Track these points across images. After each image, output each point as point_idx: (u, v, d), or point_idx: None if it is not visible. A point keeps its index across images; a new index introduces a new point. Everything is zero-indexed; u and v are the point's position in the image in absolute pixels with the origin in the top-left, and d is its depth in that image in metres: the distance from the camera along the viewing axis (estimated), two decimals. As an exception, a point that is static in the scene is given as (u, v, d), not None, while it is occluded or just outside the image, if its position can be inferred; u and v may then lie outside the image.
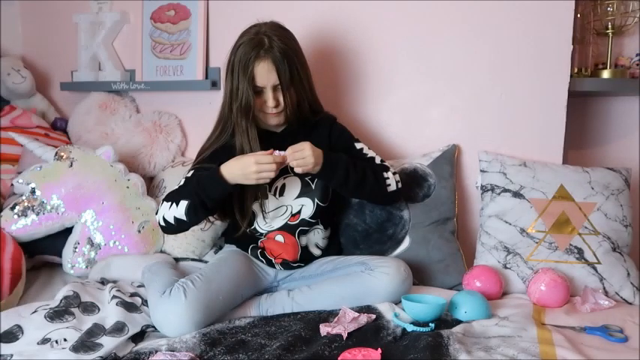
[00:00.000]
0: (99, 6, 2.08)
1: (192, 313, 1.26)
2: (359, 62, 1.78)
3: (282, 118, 1.48)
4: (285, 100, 1.44)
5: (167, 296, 1.29)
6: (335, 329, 1.19)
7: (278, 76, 1.41)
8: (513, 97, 1.67)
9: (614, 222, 1.54)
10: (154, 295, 1.33)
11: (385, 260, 1.43)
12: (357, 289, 1.36)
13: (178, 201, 1.37)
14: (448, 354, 1.10)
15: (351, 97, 1.80)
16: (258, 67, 1.40)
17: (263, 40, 1.41)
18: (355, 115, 1.79)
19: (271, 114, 1.46)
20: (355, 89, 1.80)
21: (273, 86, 1.42)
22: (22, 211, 1.62)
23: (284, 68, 1.41)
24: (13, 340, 1.19)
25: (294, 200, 1.49)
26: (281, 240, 1.50)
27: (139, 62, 2.03)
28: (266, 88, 1.43)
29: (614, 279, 1.49)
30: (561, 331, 1.22)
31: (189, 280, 1.33)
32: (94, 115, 2.01)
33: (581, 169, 1.60)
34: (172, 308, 1.26)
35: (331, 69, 1.79)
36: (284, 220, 1.49)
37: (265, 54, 1.40)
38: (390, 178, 1.49)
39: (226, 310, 1.35)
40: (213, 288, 1.33)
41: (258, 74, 1.40)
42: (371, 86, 1.78)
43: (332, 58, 1.79)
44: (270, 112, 1.46)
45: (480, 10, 1.66)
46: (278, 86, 1.43)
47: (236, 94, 1.43)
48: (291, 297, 1.39)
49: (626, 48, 1.81)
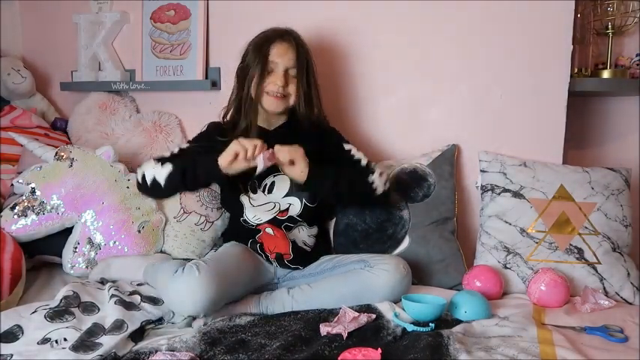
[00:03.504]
0: (99, 6, 2.08)
1: (207, 288, 1.26)
2: (358, 62, 1.78)
3: (281, 105, 1.49)
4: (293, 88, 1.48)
5: (180, 274, 1.29)
6: (335, 329, 1.19)
7: (297, 56, 1.47)
8: (513, 97, 1.67)
9: (614, 222, 1.54)
10: (165, 275, 1.35)
11: (385, 258, 1.44)
12: (356, 287, 1.36)
13: (164, 163, 1.41)
14: (448, 354, 1.10)
15: (351, 96, 1.80)
16: (276, 45, 1.47)
17: (289, 30, 1.51)
18: (355, 114, 1.79)
19: (275, 97, 1.48)
20: (355, 89, 1.79)
21: (286, 69, 1.47)
22: (22, 211, 1.62)
23: (302, 53, 1.49)
24: (13, 340, 1.19)
25: (282, 198, 1.51)
26: (271, 232, 1.51)
27: (138, 62, 2.03)
28: (278, 67, 1.47)
29: (614, 279, 1.49)
30: (561, 331, 1.22)
31: (201, 260, 1.36)
32: (94, 115, 2.01)
33: (581, 169, 1.60)
34: (186, 285, 1.27)
35: (331, 68, 1.79)
36: (272, 214, 1.51)
37: (289, 37, 1.49)
38: (376, 181, 1.47)
39: (236, 292, 1.37)
40: (223, 268, 1.35)
41: (275, 51, 1.47)
42: (370, 86, 1.78)
43: (332, 58, 1.79)
44: (275, 93, 1.47)
45: (480, 10, 1.66)
46: (290, 71, 1.48)
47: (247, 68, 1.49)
48: (291, 295, 1.40)
49: (626, 48, 1.81)
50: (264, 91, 1.49)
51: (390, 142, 1.78)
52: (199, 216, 1.72)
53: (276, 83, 1.47)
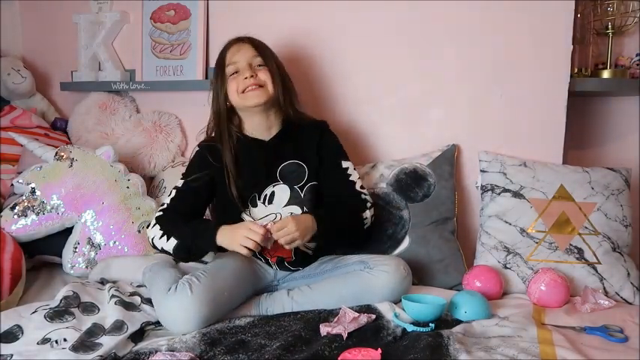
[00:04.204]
0: (99, 6, 2.08)
1: (199, 308, 1.25)
2: (358, 62, 1.78)
3: (262, 95, 1.46)
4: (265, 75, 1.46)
5: (173, 292, 1.28)
6: (335, 329, 1.19)
7: (256, 50, 1.47)
8: (513, 97, 1.67)
9: (614, 222, 1.54)
10: (158, 292, 1.34)
11: (385, 259, 1.43)
12: (356, 288, 1.36)
13: (169, 236, 1.39)
14: (448, 354, 1.10)
15: (351, 96, 1.80)
16: (231, 48, 1.49)
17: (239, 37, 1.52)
18: (355, 114, 1.79)
19: (250, 89, 1.45)
20: (355, 88, 1.79)
21: (249, 63, 1.46)
22: (22, 211, 1.62)
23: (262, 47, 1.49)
24: (13, 340, 1.19)
25: (282, 208, 1.48)
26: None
27: (138, 62, 2.03)
28: (240, 63, 1.46)
29: (614, 279, 1.49)
30: (561, 331, 1.22)
31: (194, 276, 1.33)
32: (94, 115, 2.01)
33: (581, 169, 1.60)
34: (179, 304, 1.26)
35: (332, 67, 1.79)
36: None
37: (241, 39, 1.50)
38: (367, 217, 1.50)
39: (231, 306, 1.35)
40: (218, 284, 1.33)
41: (231, 53, 1.48)
42: (371, 86, 1.78)
43: (332, 58, 1.79)
44: (249, 87, 1.45)
45: (480, 10, 1.66)
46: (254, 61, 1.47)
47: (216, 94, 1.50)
48: (291, 296, 1.39)
49: (626, 48, 1.80)
50: (240, 92, 1.46)
51: (390, 142, 1.78)
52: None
53: (245, 75, 1.45)
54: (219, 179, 1.47)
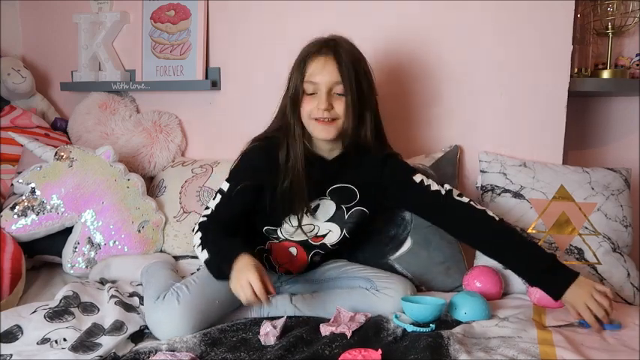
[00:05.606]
0: (99, 6, 2.08)
1: (187, 319, 1.24)
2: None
3: (332, 131, 1.32)
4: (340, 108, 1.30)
5: (161, 301, 1.28)
6: (339, 328, 1.19)
7: (340, 72, 1.28)
8: (513, 97, 1.67)
9: (614, 222, 1.54)
10: (148, 299, 1.33)
11: (391, 281, 1.39)
12: (361, 307, 1.33)
13: (203, 249, 1.27)
14: (448, 354, 1.10)
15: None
16: (314, 60, 1.30)
17: (328, 40, 1.33)
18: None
19: (320, 122, 1.31)
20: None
21: (329, 89, 1.29)
22: (22, 211, 1.62)
23: (347, 68, 1.28)
24: (12, 340, 1.19)
25: (323, 223, 1.41)
26: (294, 252, 1.44)
27: (139, 62, 2.03)
28: (320, 87, 1.29)
29: (614, 279, 1.49)
30: (561, 332, 1.22)
31: (184, 284, 1.31)
32: (94, 115, 2.01)
33: (581, 169, 1.60)
34: (166, 314, 1.25)
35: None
36: (307, 237, 1.41)
37: (327, 50, 1.30)
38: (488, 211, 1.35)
39: (225, 312, 1.33)
40: (209, 292, 1.29)
41: (313, 68, 1.29)
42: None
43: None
44: (321, 117, 1.30)
45: (480, 10, 1.66)
46: (335, 88, 1.30)
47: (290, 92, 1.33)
48: (294, 303, 1.37)
49: (626, 48, 1.80)
50: (310, 117, 1.32)
51: (391, 143, 1.77)
52: (199, 216, 1.71)
53: (321, 106, 1.29)
54: (269, 184, 1.35)
